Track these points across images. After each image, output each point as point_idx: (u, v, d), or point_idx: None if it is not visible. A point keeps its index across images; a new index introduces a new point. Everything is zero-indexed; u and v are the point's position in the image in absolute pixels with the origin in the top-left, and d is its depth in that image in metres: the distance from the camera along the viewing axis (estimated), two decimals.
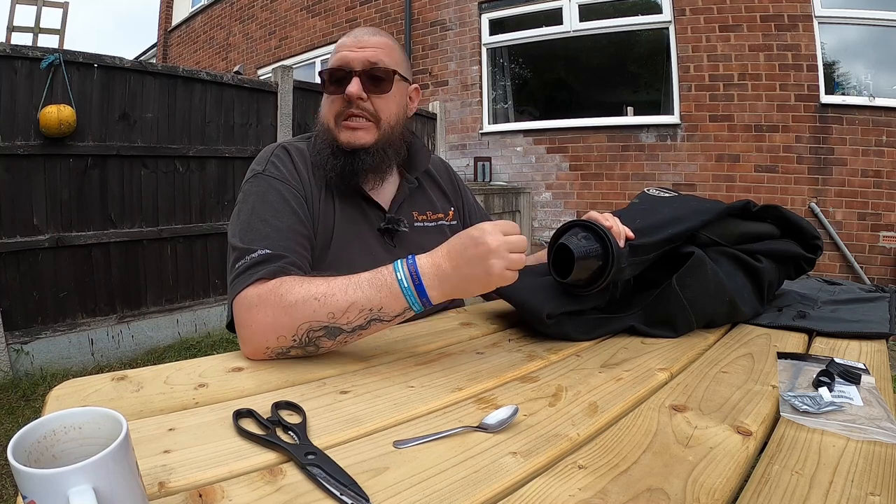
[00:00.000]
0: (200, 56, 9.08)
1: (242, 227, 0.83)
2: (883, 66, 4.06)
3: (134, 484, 0.36)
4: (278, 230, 0.82)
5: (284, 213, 0.85)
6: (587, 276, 0.85)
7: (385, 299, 0.69)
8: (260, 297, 0.72)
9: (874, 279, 3.93)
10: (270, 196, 0.87)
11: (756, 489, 0.47)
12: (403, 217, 1.00)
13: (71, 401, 0.57)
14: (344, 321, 0.69)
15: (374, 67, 0.91)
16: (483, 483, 0.46)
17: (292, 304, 0.69)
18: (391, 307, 0.69)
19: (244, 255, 0.78)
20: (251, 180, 0.90)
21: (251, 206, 0.85)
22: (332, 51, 0.96)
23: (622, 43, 5.09)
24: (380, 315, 0.69)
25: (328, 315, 0.68)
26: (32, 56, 2.55)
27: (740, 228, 1.04)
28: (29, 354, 2.57)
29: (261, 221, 0.83)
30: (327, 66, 0.94)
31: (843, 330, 0.93)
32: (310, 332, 0.69)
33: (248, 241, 0.79)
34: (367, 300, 0.69)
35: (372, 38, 0.93)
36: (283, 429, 0.53)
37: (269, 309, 0.70)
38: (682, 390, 0.67)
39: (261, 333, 0.70)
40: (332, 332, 0.69)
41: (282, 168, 0.91)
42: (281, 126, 3.63)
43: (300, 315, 0.69)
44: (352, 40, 0.93)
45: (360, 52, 0.91)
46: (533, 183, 5.18)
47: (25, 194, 2.58)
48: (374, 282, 0.70)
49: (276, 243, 0.79)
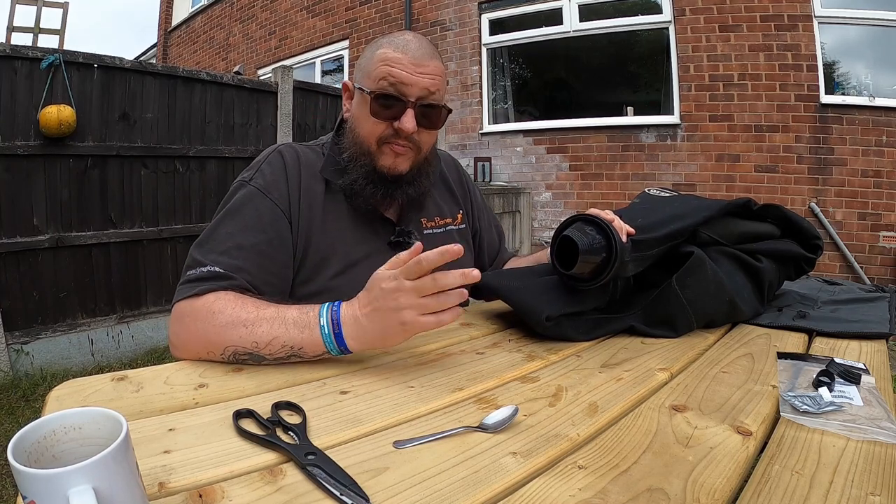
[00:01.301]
0: (200, 56, 9.08)
1: (207, 235, 0.82)
2: (883, 66, 4.06)
3: (134, 484, 0.36)
4: (240, 247, 0.80)
5: (252, 231, 0.82)
6: (591, 270, 0.84)
7: (306, 340, 0.69)
8: (193, 310, 0.73)
9: (874, 279, 3.93)
10: (245, 210, 0.84)
11: (756, 489, 0.47)
12: (412, 225, 0.98)
13: (71, 401, 0.57)
14: (266, 352, 0.70)
15: (431, 101, 0.86)
16: (483, 483, 0.46)
17: (221, 326, 0.70)
18: (311, 349, 0.70)
19: (195, 266, 0.78)
20: (237, 187, 0.87)
21: (223, 216, 0.84)
22: (375, 54, 0.87)
23: (622, 43, 5.09)
24: (299, 353, 0.70)
25: (252, 343, 0.69)
26: (32, 56, 2.55)
27: (741, 228, 1.04)
28: (29, 355, 2.57)
29: (226, 235, 0.81)
30: (377, 83, 0.85)
31: (843, 330, 0.93)
32: (235, 354, 0.70)
33: (204, 253, 0.79)
34: (289, 338, 0.69)
35: (430, 61, 0.86)
36: (283, 429, 0.53)
37: (200, 325, 0.71)
38: (682, 390, 0.67)
39: (191, 346, 0.72)
40: (256, 358, 0.70)
41: (269, 178, 0.87)
42: (281, 126, 3.63)
43: (226, 338, 0.70)
44: (409, 59, 0.84)
45: (419, 77, 0.84)
46: (533, 183, 5.18)
47: (25, 194, 2.58)
48: (298, 322, 0.70)
49: (229, 262, 0.78)
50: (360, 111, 0.89)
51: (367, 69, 0.88)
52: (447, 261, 0.66)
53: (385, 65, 0.84)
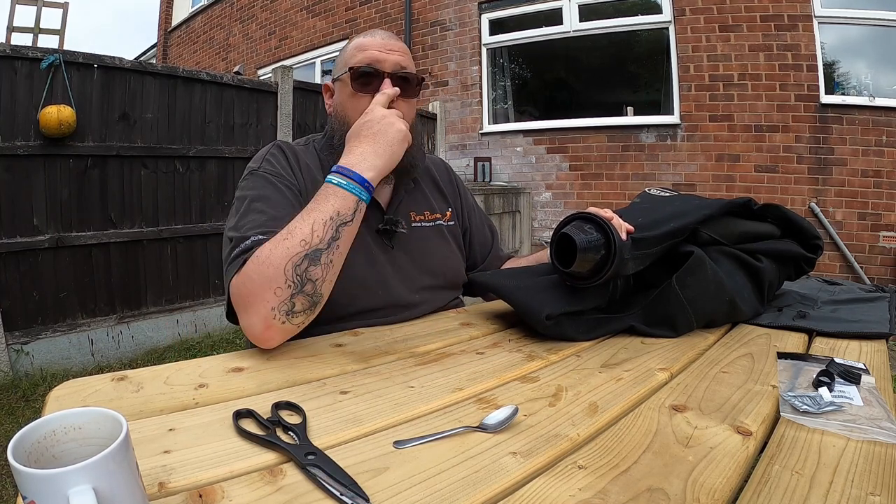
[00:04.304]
0: (200, 56, 9.08)
1: (238, 219, 0.85)
2: (883, 66, 4.06)
3: (134, 484, 0.36)
4: (274, 218, 0.83)
5: (281, 204, 0.87)
6: (590, 268, 0.84)
7: (334, 202, 0.75)
8: (244, 273, 0.74)
9: (874, 279, 3.93)
10: (266, 190, 0.89)
11: (756, 489, 0.47)
12: (401, 217, 1.00)
13: (71, 401, 0.57)
14: (316, 240, 0.72)
15: (404, 71, 0.93)
16: (483, 483, 0.46)
17: (268, 256, 0.72)
18: (344, 206, 0.75)
19: (239, 242, 0.80)
20: (247, 177, 0.92)
21: (248, 200, 0.87)
22: (347, 49, 0.96)
23: (622, 43, 5.09)
24: (342, 219, 0.74)
25: (301, 243, 0.72)
26: (32, 56, 2.55)
27: (741, 228, 1.04)
28: (29, 355, 2.57)
29: (257, 212, 0.84)
30: (353, 65, 0.93)
31: (843, 330, 0.93)
32: (296, 267, 0.71)
33: (243, 230, 0.81)
34: (321, 212, 0.74)
35: (396, 42, 0.95)
36: (283, 429, 0.53)
37: (254, 274, 0.73)
38: (682, 390, 0.67)
39: (259, 300, 0.71)
40: (314, 256, 0.72)
41: (276, 165, 0.93)
42: (281, 126, 3.63)
43: (279, 259, 0.71)
44: (378, 42, 0.93)
45: (389, 54, 0.92)
46: (533, 183, 5.18)
47: (25, 194, 2.58)
48: (318, 197, 0.76)
49: (270, 230, 0.80)
50: (342, 95, 0.96)
51: (342, 60, 0.97)
52: None
53: (358, 49, 0.94)
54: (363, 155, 0.79)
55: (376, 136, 0.81)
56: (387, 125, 0.82)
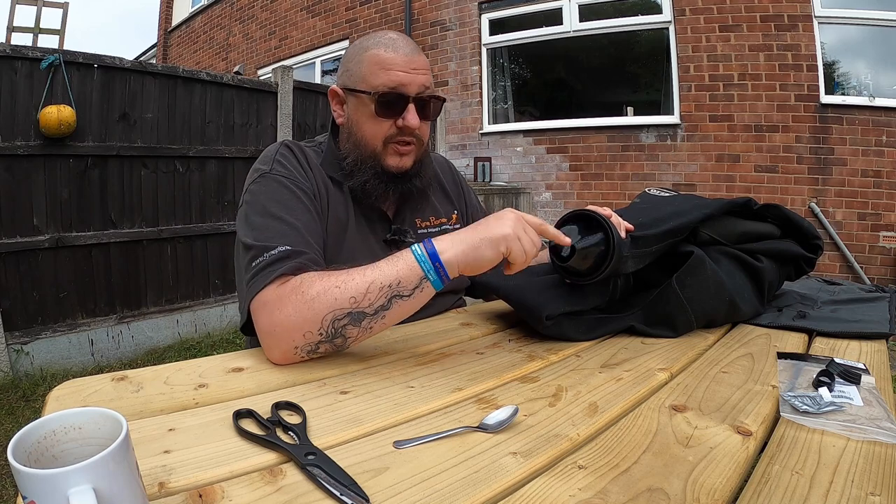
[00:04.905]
0: (200, 56, 9.08)
1: (257, 227, 0.79)
2: (883, 66, 4.06)
3: (134, 484, 0.36)
4: (294, 228, 0.80)
5: (298, 211, 0.83)
6: (589, 265, 0.84)
7: (401, 271, 0.70)
8: (280, 297, 0.70)
9: (874, 279, 3.93)
10: (281, 194, 0.84)
11: (756, 489, 0.47)
12: (407, 224, 0.99)
13: (71, 401, 0.57)
14: (366, 303, 0.69)
15: (429, 94, 0.89)
16: (483, 483, 0.46)
17: (314, 298, 0.68)
18: (408, 279, 0.70)
19: (262, 252, 0.75)
20: (258, 181, 0.87)
21: (262, 206, 0.82)
22: (365, 59, 0.89)
23: (622, 43, 5.09)
24: (399, 290, 0.70)
25: (350, 300, 0.68)
26: (32, 56, 2.55)
27: (741, 228, 1.03)
28: (29, 355, 2.57)
29: (275, 220, 0.80)
30: (377, 86, 0.87)
31: (843, 330, 0.93)
32: (335, 321, 0.68)
33: (265, 240, 0.77)
34: (384, 276, 0.69)
35: (419, 57, 0.90)
36: (283, 429, 0.53)
37: (291, 307, 0.69)
38: (682, 390, 0.67)
39: (286, 334, 0.69)
40: (357, 317, 0.69)
41: (288, 166, 0.88)
42: (281, 126, 3.63)
43: (323, 306, 0.68)
44: (402, 59, 0.87)
45: (415, 75, 0.87)
46: (533, 183, 5.18)
47: (25, 194, 2.58)
48: (390, 259, 0.72)
49: (293, 240, 0.77)
50: (361, 114, 0.90)
51: (360, 73, 0.89)
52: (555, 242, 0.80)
53: (381, 68, 0.87)
54: (460, 239, 0.72)
55: (486, 229, 0.73)
56: (498, 226, 0.73)
